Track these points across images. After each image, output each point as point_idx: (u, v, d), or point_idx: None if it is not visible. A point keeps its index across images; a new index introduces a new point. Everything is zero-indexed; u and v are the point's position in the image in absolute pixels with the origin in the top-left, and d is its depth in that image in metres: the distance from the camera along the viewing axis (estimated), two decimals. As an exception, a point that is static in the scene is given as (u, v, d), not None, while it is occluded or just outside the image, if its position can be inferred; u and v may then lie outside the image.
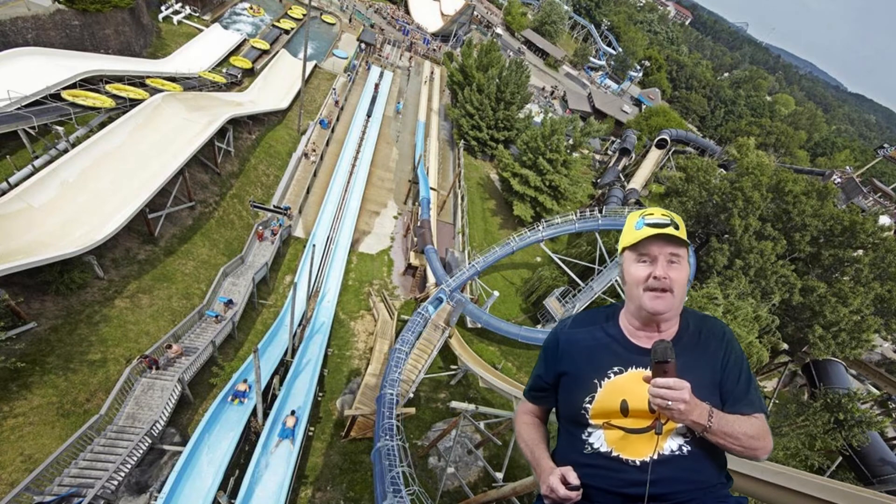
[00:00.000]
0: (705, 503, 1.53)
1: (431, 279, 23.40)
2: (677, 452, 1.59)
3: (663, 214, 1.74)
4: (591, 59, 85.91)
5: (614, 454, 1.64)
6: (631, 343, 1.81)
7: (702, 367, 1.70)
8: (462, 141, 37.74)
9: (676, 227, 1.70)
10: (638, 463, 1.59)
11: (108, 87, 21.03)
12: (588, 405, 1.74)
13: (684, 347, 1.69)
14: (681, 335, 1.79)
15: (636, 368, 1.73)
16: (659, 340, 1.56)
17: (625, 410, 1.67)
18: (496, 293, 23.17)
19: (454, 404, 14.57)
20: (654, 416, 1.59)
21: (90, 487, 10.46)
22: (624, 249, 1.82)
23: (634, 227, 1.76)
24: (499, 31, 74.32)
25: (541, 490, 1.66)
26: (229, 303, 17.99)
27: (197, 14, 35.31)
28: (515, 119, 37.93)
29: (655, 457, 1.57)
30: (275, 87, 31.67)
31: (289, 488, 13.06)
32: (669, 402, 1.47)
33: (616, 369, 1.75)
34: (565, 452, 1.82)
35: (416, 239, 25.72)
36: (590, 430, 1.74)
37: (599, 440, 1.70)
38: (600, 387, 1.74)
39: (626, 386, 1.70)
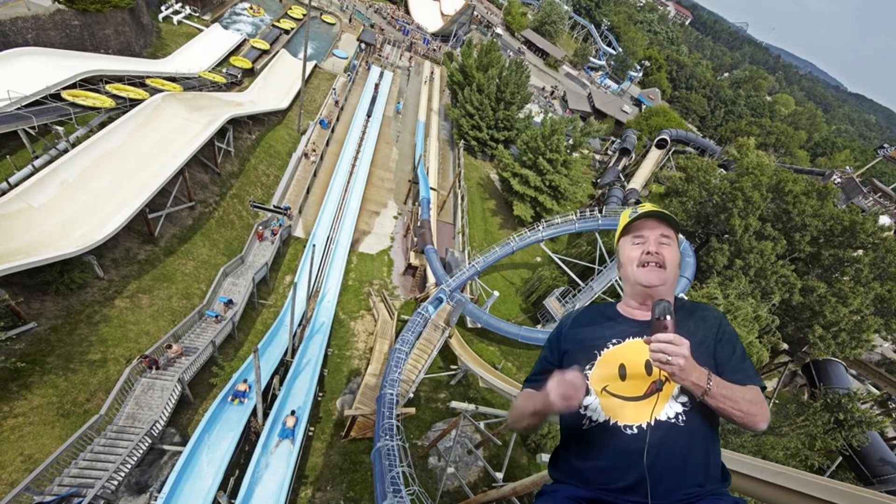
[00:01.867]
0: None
1: (431, 279, 23.38)
2: (673, 420, 1.61)
3: (653, 207, 1.96)
4: (591, 59, 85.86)
5: (612, 422, 1.67)
6: (628, 319, 1.94)
7: (697, 340, 1.72)
8: (462, 141, 37.72)
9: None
10: (635, 429, 1.62)
11: (108, 87, 21.03)
12: (588, 371, 1.82)
13: (679, 321, 1.71)
14: (675, 311, 1.84)
15: (634, 338, 1.82)
16: (659, 300, 1.61)
17: (623, 375, 1.74)
18: (496, 293, 23.16)
19: (454, 404, 14.56)
20: (651, 378, 1.67)
21: (90, 487, 10.47)
22: (620, 238, 2.01)
23: (629, 217, 1.98)
24: (499, 31, 74.28)
25: (550, 398, 1.60)
26: (229, 303, 17.99)
27: (197, 14, 35.30)
28: (515, 119, 37.89)
29: (653, 423, 1.60)
30: (275, 87, 31.66)
31: (289, 488, 13.06)
32: (670, 357, 1.48)
33: (615, 340, 1.86)
34: (566, 434, 1.87)
35: (416, 239, 25.71)
36: (588, 400, 1.78)
37: (597, 412, 1.74)
38: (600, 355, 1.84)
39: (625, 352, 1.80)
